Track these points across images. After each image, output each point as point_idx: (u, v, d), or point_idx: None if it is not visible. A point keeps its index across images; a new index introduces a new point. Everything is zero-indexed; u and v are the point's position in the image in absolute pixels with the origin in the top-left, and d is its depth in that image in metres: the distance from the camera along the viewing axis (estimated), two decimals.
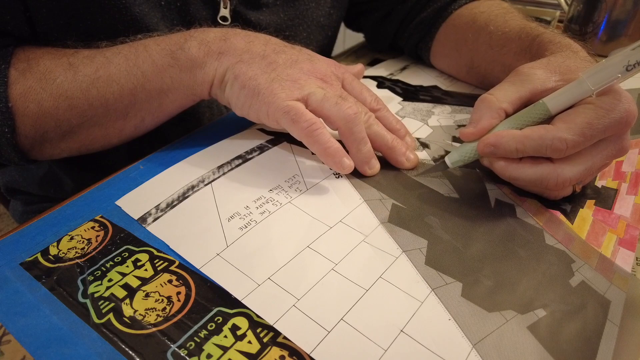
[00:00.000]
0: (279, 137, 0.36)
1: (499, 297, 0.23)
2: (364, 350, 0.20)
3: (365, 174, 0.31)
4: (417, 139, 0.36)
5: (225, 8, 0.39)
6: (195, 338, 0.21)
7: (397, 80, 0.47)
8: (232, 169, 0.32)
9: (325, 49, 0.52)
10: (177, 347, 0.20)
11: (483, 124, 0.28)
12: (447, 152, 0.34)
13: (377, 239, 0.26)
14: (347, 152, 0.30)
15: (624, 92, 0.26)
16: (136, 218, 0.27)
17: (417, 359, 0.19)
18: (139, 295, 0.23)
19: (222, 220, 0.27)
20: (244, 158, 0.33)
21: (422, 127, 0.38)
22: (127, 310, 0.22)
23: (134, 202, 0.28)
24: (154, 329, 0.21)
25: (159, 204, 0.28)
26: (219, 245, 0.25)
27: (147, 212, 0.27)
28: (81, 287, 0.23)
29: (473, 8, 0.45)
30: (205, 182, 0.30)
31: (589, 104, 0.26)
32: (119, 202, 0.28)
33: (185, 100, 0.34)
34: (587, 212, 0.29)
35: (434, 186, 0.30)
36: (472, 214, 0.28)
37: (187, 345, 0.20)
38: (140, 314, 0.22)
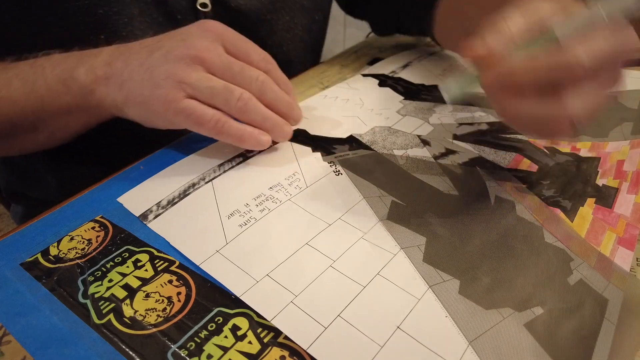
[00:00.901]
0: None
1: (496, 294, 0.23)
2: (360, 347, 0.20)
3: (280, 140, 0.33)
4: (418, 136, 0.36)
5: None
6: (196, 338, 0.21)
7: (399, 79, 0.47)
8: (232, 166, 0.32)
9: (314, 34, 0.52)
10: (177, 348, 0.20)
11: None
12: (448, 150, 0.34)
13: (375, 236, 0.26)
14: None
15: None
16: (137, 215, 0.27)
17: (414, 356, 0.20)
18: (140, 295, 0.23)
19: (222, 217, 0.27)
20: (244, 156, 0.33)
21: (423, 125, 0.38)
22: (128, 311, 0.22)
23: (136, 199, 0.29)
24: (155, 330, 0.21)
25: (160, 201, 0.28)
26: (219, 242, 0.25)
27: (149, 209, 0.28)
28: (81, 288, 0.23)
29: None
30: (206, 180, 0.30)
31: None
32: (120, 199, 0.29)
33: (92, 119, 0.34)
34: (587, 210, 0.29)
35: (434, 183, 0.31)
36: (471, 211, 0.28)
37: (188, 345, 0.20)
38: (140, 315, 0.22)
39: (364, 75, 0.48)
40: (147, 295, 0.23)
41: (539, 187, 0.31)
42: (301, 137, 0.36)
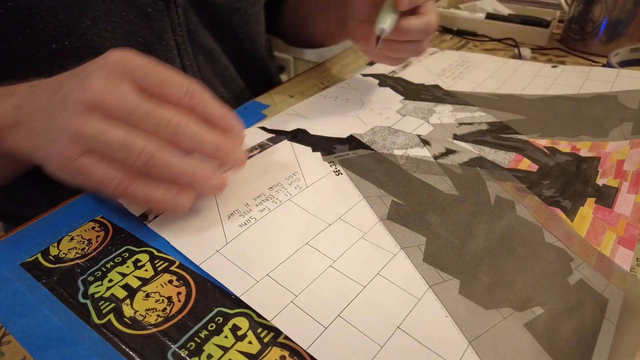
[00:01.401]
0: (279, 136, 0.36)
1: (496, 294, 0.23)
2: (360, 347, 0.20)
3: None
4: (418, 135, 0.36)
5: None
6: (196, 338, 0.21)
7: (399, 79, 0.47)
8: (232, 167, 0.32)
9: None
10: (177, 348, 0.20)
11: None
12: (448, 150, 0.35)
13: (375, 236, 0.26)
14: None
15: None
16: (137, 215, 0.27)
17: (414, 356, 0.20)
18: (140, 295, 0.23)
19: (222, 217, 0.27)
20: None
21: (423, 125, 0.38)
22: (128, 311, 0.22)
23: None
24: (155, 330, 0.21)
25: None
26: (219, 242, 0.25)
27: (149, 209, 0.28)
28: (81, 288, 0.23)
29: None
30: None
31: None
32: (121, 199, 0.29)
33: (17, 164, 0.31)
34: (588, 210, 0.29)
35: (434, 183, 0.31)
36: (471, 211, 0.28)
37: (188, 345, 0.20)
38: (140, 315, 0.22)
39: (364, 75, 0.48)
40: (147, 295, 0.23)
41: (539, 187, 0.31)
42: (301, 137, 0.36)
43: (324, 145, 0.35)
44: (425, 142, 0.36)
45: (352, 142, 0.35)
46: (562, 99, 0.42)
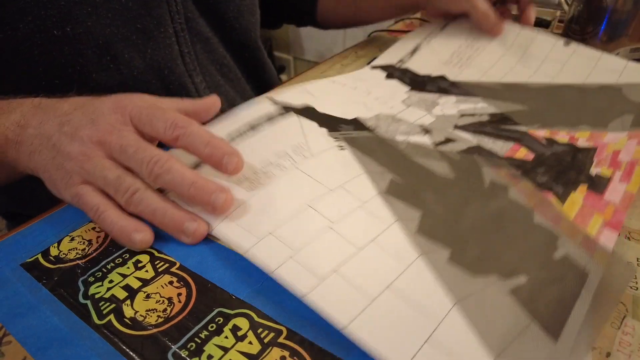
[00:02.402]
0: (287, 108, 0.38)
1: (484, 264, 0.25)
2: (352, 299, 0.22)
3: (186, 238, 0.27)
4: (420, 125, 0.38)
5: None
6: (196, 339, 0.21)
7: (406, 70, 0.49)
8: (240, 135, 0.34)
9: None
10: (177, 348, 0.21)
11: None
12: (447, 139, 0.36)
13: (373, 206, 0.28)
14: None
15: None
16: None
17: (401, 311, 0.21)
18: (140, 296, 0.24)
19: (231, 183, 0.29)
20: (253, 126, 0.35)
21: (426, 116, 0.40)
22: (128, 311, 0.23)
23: None
24: (155, 330, 0.22)
25: None
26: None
27: None
28: (82, 288, 0.24)
29: None
30: None
31: None
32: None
33: (14, 174, 0.34)
34: (579, 196, 0.30)
35: (432, 167, 0.33)
36: (466, 193, 0.30)
37: (188, 346, 0.21)
38: (141, 315, 0.23)
39: (373, 67, 0.50)
40: (148, 296, 0.24)
41: (533, 174, 0.32)
42: (308, 112, 0.38)
43: (330, 123, 0.36)
44: (426, 131, 0.37)
45: (357, 124, 0.37)
46: (567, 88, 0.44)
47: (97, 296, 0.23)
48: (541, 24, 0.59)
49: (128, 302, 0.23)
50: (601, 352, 0.21)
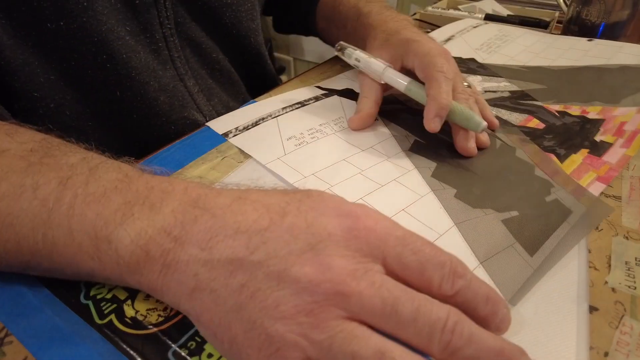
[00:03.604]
0: (332, 92, 0.45)
1: (483, 201, 0.31)
2: None
3: None
4: None
5: None
6: (196, 338, 0.22)
7: None
8: (293, 109, 0.42)
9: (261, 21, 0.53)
10: (178, 347, 0.21)
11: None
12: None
13: (397, 159, 0.35)
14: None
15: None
16: (221, 133, 0.38)
17: (412, 226, 0.28)
18: (141, 296, 0.24)
19: (283, 139, 0.37)
20: (302, 103, 0.43)
21: None
22: (129, 311, 0.23)
23: (220, 124, 0.39)
24: (155, 329, 0.22)
25: (238, 126, 0.39)
26: (280, 153, 0.35)
27: (229, 130, 0.38)
28: (83, 289, 0.24)
29: None
30: (273, 116, 0.41)
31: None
32: (209, 123, 0.39)
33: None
34: (578, 157, 0.35)
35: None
36: (480, 153, 0.36)
37: (188, 345, 0.21)
38: (141, 315, 0.23)
39: None
40: (148, 296, 0.23)
41: (541, 139, 0.38)
42: (349, 94, 0.45)
43: None
44: None
45: (390, 99, 0.44)
46: (588, 69, 0.49)
47: (98, 297, 0.23)
48: (540, 24, 0.59)
49: (129, 302, 0.23)
50: (599, 352, 0.21)
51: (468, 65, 0.52)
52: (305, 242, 0.18)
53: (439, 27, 0.66)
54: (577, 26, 0.58)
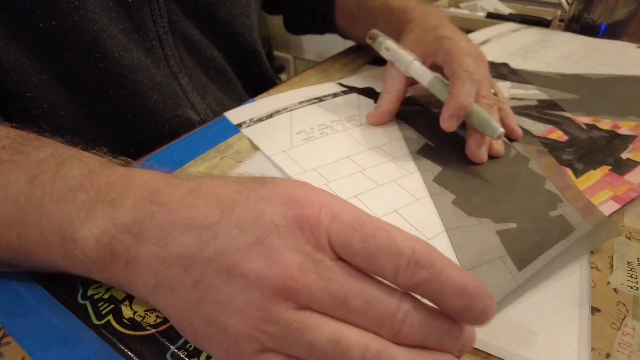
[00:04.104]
0: (351, 90, 0.46)
1: (481, 210, 0.30)
2: None
3: None
4: None
5: None
6: None
7: None
8: (309, 105, 0.43)
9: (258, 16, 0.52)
10: (176, 349, 0.21)
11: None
12: None
13: (401, 160, 0.35)
14: None
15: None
16: (235, 123, 0.40)
17: (400, 225, 0.28)
18: None
19: (293, 133, 0.38)
20: (319, 99, 0.44)
21: None
22: (127, 312, 0.23)
23: (236, 114, 0.41)
24: (154, 330, 0.22)
25: (252, 118, 0.40)
26: (286, 146, 0.36)
27: (243, 121, 0.40)
28: (81, 289, 0.24)
29: None
30: (287, 110, 0.42)
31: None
32: (226, 114, 0.41)
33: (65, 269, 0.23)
34: (597, 174, 0.34)
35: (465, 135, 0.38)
36: (491, 160, 0.35)
37: (187, 346, 0.21)
38: (139, 316, 0.22)
39: None
40: None
41: (560, 152, 0.36)
42: (368, 92, 0.45)
43: None
44: None
45: (409, 100, 0.44)
46: (629, 80, 0.45)
47: (96, 297, 0.23)
48: (541, 23, 0.59)
49: (127, 302, 0.23)
50: (601, 353, 0.21)
51: (499, 70, 0.50)
52: (253, 235, 0.18)
53: None
54: (579, 25, 0.57)
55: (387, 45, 0.40)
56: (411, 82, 0.39)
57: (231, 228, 0.18)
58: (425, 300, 0.19)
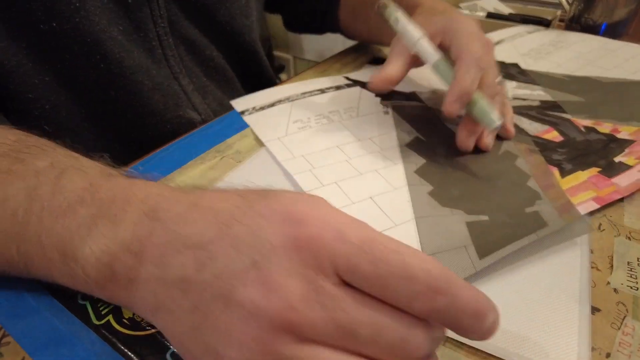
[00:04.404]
0: (356, 83, 0.47)
1: (458, 202, 0.31)
2: (339, 198, 0.31)
3: None
4: None
5: None
6: None
7: None
8: (311, 96, 0.45)
9: (259, 14, 0.52)
10: None
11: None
12: None
13: (388, 152, 0.36)
14: None
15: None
16: (239, 111, 0.42)
17: (371, 211, 0.30)
18: None
19: (290, 121, 0.40)
20: (322, 91, 0.45)
21: None
22: (127, 312, 0.23)
23: (241, 102, 0.44)
24: (154, 330, 0.22)
25: (255, 106, 0.43)
26: (281, 133, 0.38)
27: (247, 109, 0.42)
28: None
29: None
30: (290, 100, 0.44)
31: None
32: (232, 102, 0.44)
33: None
34: (584, 175, 0.33)
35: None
36: (477, 156, 0.36)
37: None
38: (139, 315, 0.22)
39: None
40: None
41: (551, 152, 0.36)
42: None
43: (386, 95, 0.45)
44: None
45: (410, 95, 0.45)
46: (638, 85, 0.44)
47: (95, 297, 0.23)
48: (542, 23, 0.58)
49: None
50: (601, 353, 0.21)
51: (508, 71, 0.50)
52: (249, 258, 0.16)
53: None
54: (579, 25, 0.57)
55: (397, 16, 0.37)
56: (415, 61, 0.37)
57: (227, 248, 0.17)
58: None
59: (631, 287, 0.25)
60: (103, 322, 0.22)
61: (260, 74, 0.54)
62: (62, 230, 0.20)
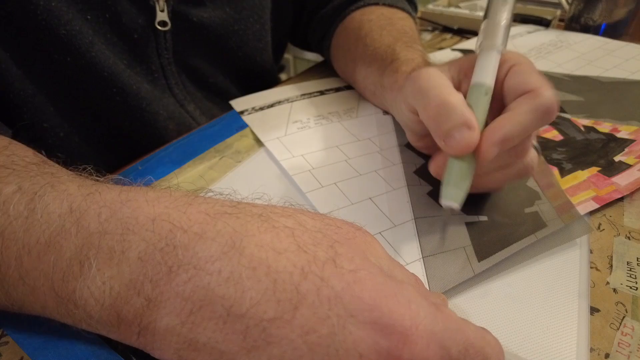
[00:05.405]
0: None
1: None
2: (339, 199, 0.31)
3: None
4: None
5: (162, 11, 0.37)
6: None
7: None
8: (310, 97, 0.45)
9: (279, 33, 0.51)
10: None
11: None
12: None
13: (388, 153, 0.36)
14: None
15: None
16: (238, 111, 0.42)
17: (371, 212, 0.30)
18: None
19: (289, 122, 0.40)
20: (321, 92, 0.46)
21: None
22: None
23: (241, 103, 0.44)
24: None
25: (255, 106, 0.43)
26: (281, 133, 0.38)
27: (246, 109, 0.43)
28: None
29: (365, 14, 0.44)
30: (289, 101, 0.44)
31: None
32: (231, 102, 0.44)
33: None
34: (584, 174, 0.34)
35: None
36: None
37: None
38: None
39: (453, 49, 0.56)
40: None
41: (551, 151, 0.36)
42: None
43: None
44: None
45: None
46: (638, 84, 0.44)
47: None
48: (541, 23, 0.58)
49: None
50: (600, 353, 0.21)
51: None
52: (322, 351, 0.13)
53: (440, 25, 0.65)
54: (578, 25, 0.57)
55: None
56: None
57: (294, 338, 0.14)
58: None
59: (630, 287, 0.25)
60: None
61: (268, 85, 0.52)
62: (48, 270, 0.17)
